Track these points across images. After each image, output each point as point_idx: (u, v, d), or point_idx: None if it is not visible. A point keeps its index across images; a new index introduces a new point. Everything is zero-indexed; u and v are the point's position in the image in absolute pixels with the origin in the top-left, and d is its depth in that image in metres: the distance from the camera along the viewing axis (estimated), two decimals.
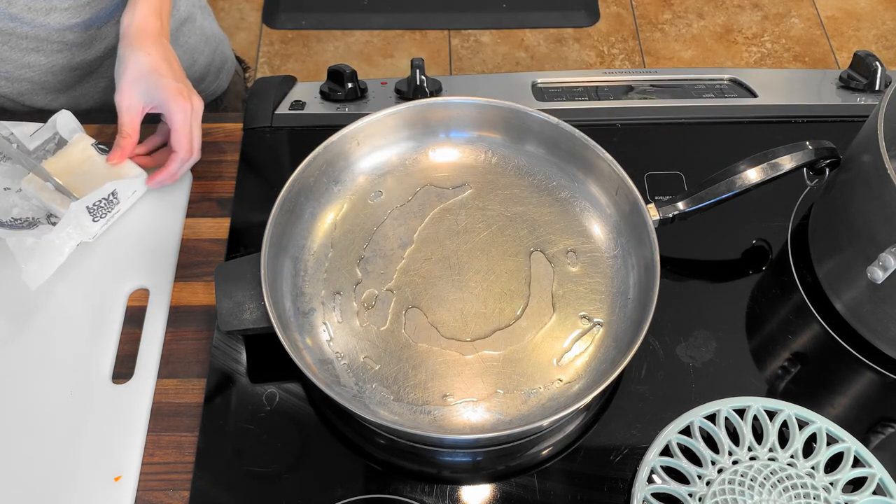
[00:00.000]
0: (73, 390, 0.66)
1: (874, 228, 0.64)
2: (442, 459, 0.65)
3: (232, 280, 0.66)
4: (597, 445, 0.65)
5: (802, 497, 0.59)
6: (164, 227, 0.76)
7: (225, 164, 0.81)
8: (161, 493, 0.63)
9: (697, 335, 0.71)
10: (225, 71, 1.06)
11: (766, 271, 0.75)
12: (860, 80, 0.86)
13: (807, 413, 0.63)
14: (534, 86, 0.87)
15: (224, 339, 0.69)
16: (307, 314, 0.68)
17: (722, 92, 0.87)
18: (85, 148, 0.76)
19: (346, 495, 0.62)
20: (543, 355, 0.67)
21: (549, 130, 0.74)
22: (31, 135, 0.77)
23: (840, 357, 0.70)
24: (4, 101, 0.88)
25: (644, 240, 0.67)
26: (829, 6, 2.13)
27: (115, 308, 0.71)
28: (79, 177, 0.74)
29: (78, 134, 0.77)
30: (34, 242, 0.69)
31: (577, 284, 0.70)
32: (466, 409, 0.64)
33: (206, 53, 0.99)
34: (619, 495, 0.63)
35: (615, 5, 2.13)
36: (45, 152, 0.78)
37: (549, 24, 2.08)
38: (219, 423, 0.66)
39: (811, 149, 0.71)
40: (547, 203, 0.75)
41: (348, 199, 0.75)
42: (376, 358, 0.66)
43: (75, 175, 0.74)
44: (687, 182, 0.80)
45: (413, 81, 0.83)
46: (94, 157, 0.75)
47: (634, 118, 0.85)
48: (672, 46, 2.05)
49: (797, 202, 0.79)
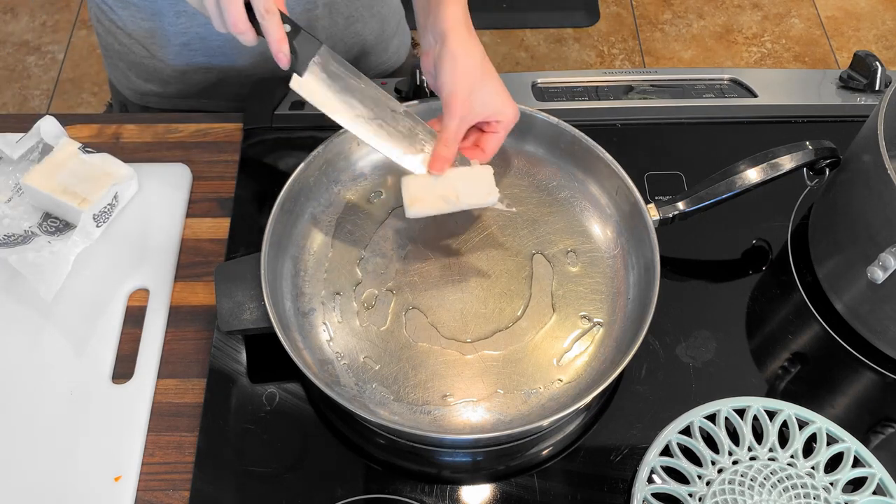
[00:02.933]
0: (73, 390, 0.66)
1: (874, 228, 0.64)
2: (442, 459, 0.65)
3: (232, 280, 0.66)
4: (597, 445, 0.65)
5: (802, 497, 0.59)
6: (164, 227, 0.76)
7: (225, 164, 0.81)
8: (161, 493, 0.63)
9: (697, 335, 0.71)
10: (405, 45, 1.02)
11: (766, 271, 0.75)
12: (860, 80, 0.86)
13: (807, 413, 0.63)
14: (534, 86, 0.87)
15: (224, 339, 0.69)
16: (307, 314, 0.68)
17: (722, 92, 0.87)
18: (72, 153, 0.75)
19: (346, 495, 0.62)
20: (543, 355, 0.67)
21: (549, 130, 0.74)
22: (16, 142, 0.76)
23: (840, 357, 0.70)
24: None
25: (644, 240, 0.67)
26: (829, 6, 2.13)
27: (115, 308, 0.71)
28: (70, 181, 0.73)
29: (63, 139, 0.76)
30: (36, 256, 0.69)
31: (577, 284, 0.70)
32: (466, 409, 0.64)
33: (392, 23, 0.96)
34: (619, 495, 0.63)
35: (615, 5, 2.13)
36: (31, 161, 0.77)
37: (549, 24, 2.08)
38: (219, 423, 0.66)
39: (811, 149, 0.71)
40: (547, 203, 0.74)
41: (348, 199, 0.75)
42: (376, 358, 0.66)
43: (66, 180, 0.73)
44: (687, 182, 0.80)
45: (413, 81, 0.83)
46: (83, 161, 0.74)
47: (634, 118, 0.85)
48: (672, 46, 2.05)
49: (797, 202, 0.79)
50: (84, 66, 2.01)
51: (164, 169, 0.80)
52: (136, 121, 0.85)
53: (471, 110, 0.66)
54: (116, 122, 0.84)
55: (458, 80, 0.65)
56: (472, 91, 0.66)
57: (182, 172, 0.80)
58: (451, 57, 0.65)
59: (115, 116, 0.89)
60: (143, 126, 0.84)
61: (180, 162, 0.81)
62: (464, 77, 0.65)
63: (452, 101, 0.65)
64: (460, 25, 0.66)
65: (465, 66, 0.65)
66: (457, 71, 0.65)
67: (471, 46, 0.66)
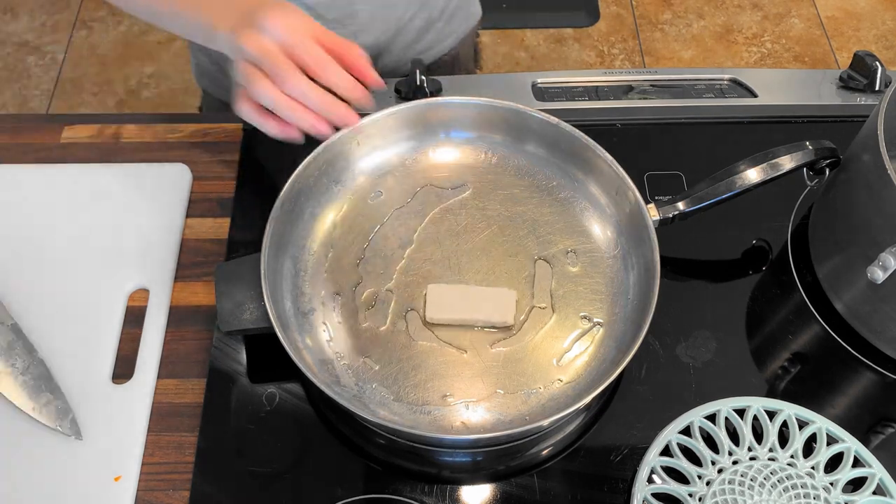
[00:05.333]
0: (73, 390, 0.66)
1: (874, 228, 0.64)
2: (442, 459, 0.65)
3: (232, 280, 0.66)
4: (597, 445, 0.65)
5: (802, 497, 0.59)
6: (164, 227, 0.76)
7: (225, 164, 0.81)
8: (161, 493, 0.63)
9: (697, 335, 0.71)
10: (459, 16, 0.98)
11: (766, 271, 0.75)
12: (860, 80, 0.86)
13: (807, 413, 0.63)
14: (534, 86, 0.87)
15: (224, 339, 0.69)
16: (307, 314, 0.68)
17: (722, 92, 0.87)
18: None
19: (346, 495, 0.62)
20: (543, 355, 0.67)
21: (549, 130, 0.74)
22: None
23: (840, 357, 0.70)
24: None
25: (644, 240, 0.67)
26: (829, 6, 2.13)
27: (115, 308, 0.71)
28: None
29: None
30: None
31: (577, 284, 0.70)
32: (466, 410, 0.64)
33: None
34: (619, 495, 0.63)
35: (615, 5, 2.14)
36: None
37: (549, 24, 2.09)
38: (219, 423, 0.66)
39: (811, 149, 0.70)
40: (547, 203, 0.74)
41: (348, 199, 0.75)
42: (376, 358, 0.66)
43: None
44: (687, 182, 0.80)
45: (413, 81, 0.83)
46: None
47: (634, 118, 0.85)
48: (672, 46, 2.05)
49: (797, 202, 0.79)
50: (84, 66, 2.01)
51: (164, 169, 0.80)
52: (136, 121, 0.85)
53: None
54: (116, 122, 0.84)
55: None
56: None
57: (182, 172, 0.80)
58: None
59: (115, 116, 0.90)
60: (143, 126, 0.84)
61: (180, 162, 0.81)
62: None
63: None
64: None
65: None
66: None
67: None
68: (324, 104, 0.65)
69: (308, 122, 0.65)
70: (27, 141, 0.83)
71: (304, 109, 0.64)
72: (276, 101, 0.63)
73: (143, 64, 2.01)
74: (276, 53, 0.62)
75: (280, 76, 0.62)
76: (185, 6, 0.69)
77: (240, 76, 0.64)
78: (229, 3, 0.66)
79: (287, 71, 0.62)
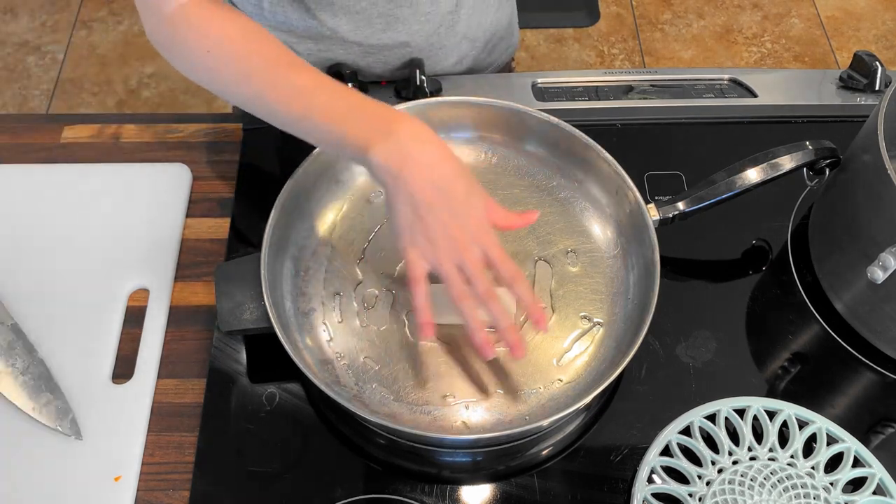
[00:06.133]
0: (73, 390, 0.66)
1: (874, 228, 0.64)
2: (442, 459, 0.65)
3: (232, 280, 0.66)
4: (597, 445, 0.65)
5: (802, 497, 0.59)
6: (164, 227, 0.76)
7: (225, 164, 0.81)
8: (161, 493, 0.63)
9: (697, 335, 0.71)
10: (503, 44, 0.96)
11: (766, 271, 0.75)
12: (860, 80, 0.86)
13: (807, 413, 0.63)
14: (534, 86, 0.87)
15: (224, 339, 0.69)
16: (307, 314, 0.68)
17: (722, 92, 0.87)
18: None
19: (346, 495, 0.62)
20: (543, 355, 0.67)
21: (549, 130, 0.74)
22: None
23: (840, 357, 0.70)
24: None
25: (644, 240, 0.67)
26: (829, 6, 2.13)
27: (115, 308, 0.71)
28: None
29: None
30: None
31: (577, 284, 0.70)
32: (466, 410, 0.64)
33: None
34: (619, 495, 0.63)
35: (615, 5, 2.13)
36: None
37: (549, 24, 2.08)
38: (219, 423, 0.66)
39: (811, 149, 0.71)
40: (547, 203, 0.74)
41: (348, 198, 0.75)
42: (376, 358, 0.66)
43: None
44: (687, 182, 0.80)
45: (413, 81, 0.83)
46: None
47: (634, 118, 0.85)
48: (672, 46, 2.05)
49: (797, 202, 0.79)
50: (84, 66, 2.01)
51: (164, 169, 0.80)
52: (135, 121, 0.85)
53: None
54: (116, 123, 0.84)
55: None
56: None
57: (182, 172, 0.80)
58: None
59: (115, 116, 0.90)
60: (142, 126, 0.84)
61: (180, 162, 0.81)
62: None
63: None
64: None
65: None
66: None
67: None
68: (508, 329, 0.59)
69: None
70: (27, 141, 0.83)
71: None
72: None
73: (143, 64, 2.01)
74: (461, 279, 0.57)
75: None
76: (322, 116, 0.61)
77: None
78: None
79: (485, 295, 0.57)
